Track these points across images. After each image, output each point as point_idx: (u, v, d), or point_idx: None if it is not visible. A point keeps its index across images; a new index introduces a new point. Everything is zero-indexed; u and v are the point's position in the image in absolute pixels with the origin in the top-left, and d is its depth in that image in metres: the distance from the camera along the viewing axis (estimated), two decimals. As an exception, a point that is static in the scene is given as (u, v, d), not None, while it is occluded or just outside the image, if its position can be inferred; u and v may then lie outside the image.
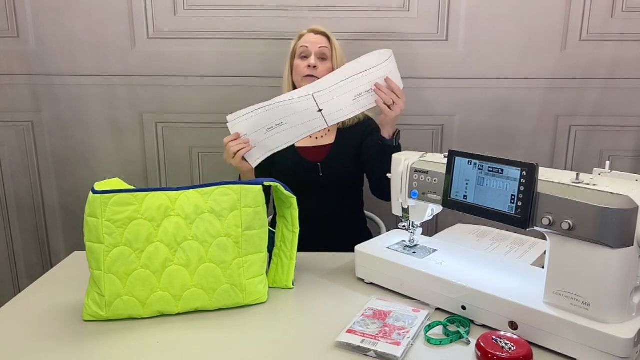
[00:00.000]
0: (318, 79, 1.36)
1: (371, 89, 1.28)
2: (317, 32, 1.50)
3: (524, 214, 0.90)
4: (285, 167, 1.51)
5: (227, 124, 1.29)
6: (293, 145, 1.33)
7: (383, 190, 1.49)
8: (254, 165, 1.33)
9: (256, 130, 1.29)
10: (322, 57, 1.47)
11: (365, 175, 1.58)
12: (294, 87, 1.57)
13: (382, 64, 1.27)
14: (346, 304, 1.06)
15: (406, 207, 1.16)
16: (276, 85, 1.60)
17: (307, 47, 1.47)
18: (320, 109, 1.27)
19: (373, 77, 1.27)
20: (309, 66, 1.44)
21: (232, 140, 1.30)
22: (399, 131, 1.39)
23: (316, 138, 1.55)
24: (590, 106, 1.83)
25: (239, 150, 1.29)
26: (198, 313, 1.03)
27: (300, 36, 1.53)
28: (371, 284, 1.16)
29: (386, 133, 1.37)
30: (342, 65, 1.50)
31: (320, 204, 1.50)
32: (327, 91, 1.26)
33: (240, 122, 1.29)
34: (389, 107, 1.28)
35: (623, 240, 0.82)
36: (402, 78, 1.29)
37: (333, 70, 1.47)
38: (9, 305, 1.06)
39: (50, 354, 0.89)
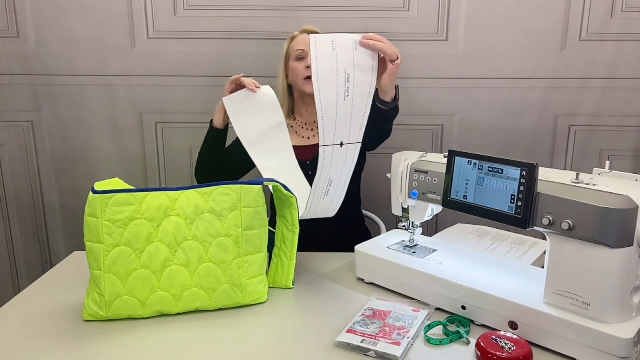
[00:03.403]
0: None
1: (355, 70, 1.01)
2: (310, 33, 1.48)
3: (524, 214, 0.90)
4: None
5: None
6: None
7: (373, 136, 1.30)
8: (224, 101, 1.32)
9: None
10: None
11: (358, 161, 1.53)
12: (290, 91, 1.55)
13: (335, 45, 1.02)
14: (346, 304, 1.06)
15: (406, 207, 1.16)
16: (275, 86, 1.59)
17: (303, 49, 1.44)
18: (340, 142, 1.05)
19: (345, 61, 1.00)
20: (308, 67, 1.42)
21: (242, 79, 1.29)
22: (398, 86, 1.17)
23: (308, 138, 1.53)
24: (590, 106, 1.83)
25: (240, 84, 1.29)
26: (198, 313, 1.03)
27: (293, 38, 1.51)
28: (371, 284, 1.15)
29: (389, 96, 1.13)
30: None
31: None
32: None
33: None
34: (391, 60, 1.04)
35: (623, 240, 0.82)
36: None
37: None
38: (9, 305, 1.06)
39: (50, 354, 0.89)
